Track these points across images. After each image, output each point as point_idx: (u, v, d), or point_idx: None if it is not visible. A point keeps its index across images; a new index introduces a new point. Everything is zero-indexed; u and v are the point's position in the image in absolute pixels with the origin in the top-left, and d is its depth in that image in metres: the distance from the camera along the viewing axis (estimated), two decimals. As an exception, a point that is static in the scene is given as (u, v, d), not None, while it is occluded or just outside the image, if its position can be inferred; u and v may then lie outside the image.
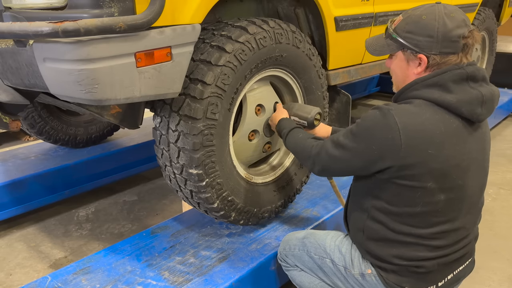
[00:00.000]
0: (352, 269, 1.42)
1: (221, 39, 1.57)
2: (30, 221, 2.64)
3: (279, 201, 1.96)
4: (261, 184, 1.89)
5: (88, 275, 1.64)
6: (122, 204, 2.84)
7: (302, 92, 1.94)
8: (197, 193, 1.67)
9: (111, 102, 1.30)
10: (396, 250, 1.31)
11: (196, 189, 1.65)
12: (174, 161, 1.63)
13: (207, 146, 1.58)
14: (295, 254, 1.58)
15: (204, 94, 1.52)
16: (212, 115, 1.55)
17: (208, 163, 1.60)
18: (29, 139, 3.97)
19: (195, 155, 1.57)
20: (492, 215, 2.62)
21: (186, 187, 1.69)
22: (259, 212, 1.87)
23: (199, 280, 1.60)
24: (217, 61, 1.53)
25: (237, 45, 1.57)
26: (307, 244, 1.55)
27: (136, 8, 1.27)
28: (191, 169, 1.60)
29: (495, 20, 4.03)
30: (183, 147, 1.57)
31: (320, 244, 1.51)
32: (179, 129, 1.55)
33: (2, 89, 1.59)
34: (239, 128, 1.80)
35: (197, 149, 1.56)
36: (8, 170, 2.63)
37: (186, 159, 1.58)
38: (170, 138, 1.60)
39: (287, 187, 2.00)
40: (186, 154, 1.58)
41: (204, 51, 1.56)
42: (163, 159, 1.69)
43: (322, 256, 1.50)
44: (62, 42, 1.19)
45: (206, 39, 1.59)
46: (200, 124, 1.53)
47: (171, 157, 1.64)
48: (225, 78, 1.55)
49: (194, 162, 1.58)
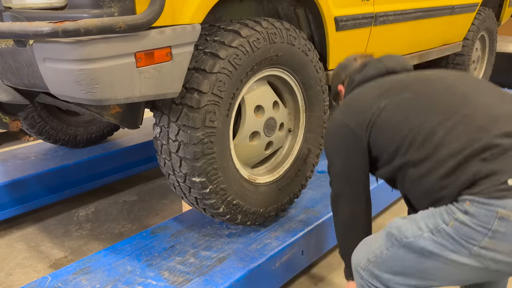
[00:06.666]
0: (454, 216, 1.08)
1: (214, 45, 1.56)
2: (30, 221, 2.64)
3: (284, 198, 1.97)
4: (265, 184, 1.88)
5: (88, 275, 1.64)
6: (122, 204, 2.84)
7: (301, 88, 1.94)
8: (202, 199, 1.67)
9: (111, 102, 1.30)
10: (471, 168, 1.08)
11: (200, 196, 1.66)
12: (177, 170, 1.63)
13: (208, 154, 1.57)
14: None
15: (201, 103, 1.51)
16: (211, 123, 1.55)
17: (210, 171, 1.60)
18: (29, 139, 3.97)
19: (197, 164, 1.57)
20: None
21: (190, 195, 1.69)
22: (265, 212, 1.88)
23: (199, 280, 1.59)
24: (211, 69, 1.52)
25: (230, 51, 1.55)
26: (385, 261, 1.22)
27: (136, 8, 1.27)
28: (194, 177, 1.60)
29: (495, 20, 4.03)
30: (184, 157, 1.57)
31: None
32: (179, 139, 1.55)
33: (2, 89, 1.59)
34: (239, 131, 1.80)
35: (198, 158, 1.56)
36: (8, 170, 2.62)
37: (188, 168, 1.58)
38: (171, 148, 1.60)
39: (292, 184, 2.00)
40: (187, 163, 1.58)
41: (198, 58, 1.55)
42: (166, 168, 1.69)
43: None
44: (62, 42, 1.19)
45: (200, 45, 1.58)
46: (199, 133, 1.53)
47: (173, 166, 1.64)
48: (221, 85, 1.54)
49: (197, 171, 1.58)
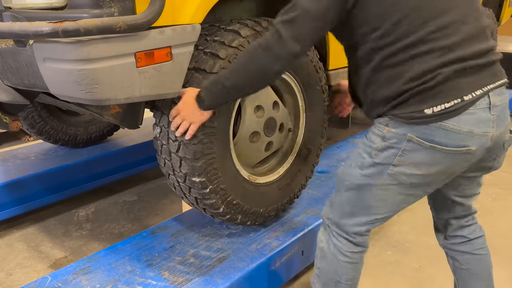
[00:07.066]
0: (374, 146, 1.25)
1: (214, 45, 1.56)
2: (30, 221, 2.64)
3: (284, 198, 1.96)
4: (265, 184, 1.88)
5: (88, 275, 1.64)
6: (122, 204, 2.84)
7: (301, 88, 1.94)
8: (202, 199, 1.67)
9: (111, 102, 1.30)
10: (404, 75, 1.16)
11: (200, 196, 1.66)
12: (177, 170, 1.63)
13: (208, 154, 1.57)
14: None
15: None
16: (211, 123, 1.54)
17: (210, 170, 1.60)
18: (29, 139, 3.97)
19: (197, 164, 1.56)
20: (492, 215, 2.63)
21: (190, 195, 1.69)
22: (265, 212, 1.88)
23: (199, 280, 1.59)
24: (211, 69, 1.52)
25: (230, 50, 1.55)
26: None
27: (136, 8, 1.28)
28: (194, 177, 1.59)
29: (495, 20, 4.03)
30: (184, 157, 1.56)
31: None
32: (179, 139, 1.55)
33: (2, 89, 1.59)
34: (239, 131, 1.80)
35: (198, 158, 1.55)
36: (8, 170, 2.63)
37: (188, 168, 1.58)
38: (171, 148, 1.59)
39: (292, 184, 1.99)
40: (187, 163, 1.57)
41: (198, 58, 1.55)
42: (166, 168, 1.69)
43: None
44: (62, 42, 1.19)
45: (200, 45, 1.58)
46: (199, 133, 1.53)
47: (173, 166, 1.64)
48: None
49: (196, 171, 1.58)
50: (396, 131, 1.20)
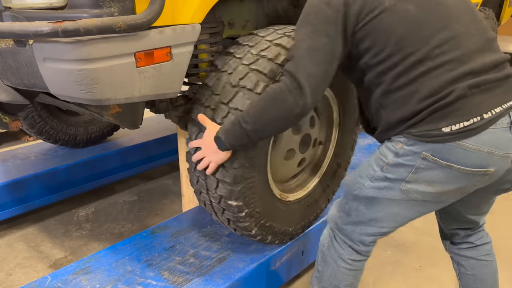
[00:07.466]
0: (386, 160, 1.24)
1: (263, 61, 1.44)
2: (30, 221, 2.64)
3: (311, 215, 1.91)
4: (295, 201, 1.82)
5: (88, 275, 1.64)
6: (122, 204, 2.84)
7: (337, 100, 1.83)
8: (235, 222, 1.61)
9: (111, 102, 1.30)
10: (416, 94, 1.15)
11: (234, 218, 1.59)
12: (212, 191, 1.55)
13: (248, 178, 1.51)
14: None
15: None
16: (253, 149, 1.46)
17: (248, 195, 1.54)
18: (29, 139, 3.97)
19: (236, 188, 1.49)
20: (492, 215, 2.62)
21: (223, 215, 1.63)
22: (293, 230, 1.82)
23: (199, 280, 1.59)
24: (256, 88, 1.43)
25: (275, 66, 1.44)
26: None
27: (136, 8, 1.27)
28: (231, 201, 1.52)
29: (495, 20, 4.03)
30: (223, 180, 1.48)
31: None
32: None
33: (2, 89, 1.59)
34: (275, 148, 1.71)
35: (238, 182, 1.48)
36: (8, 170, 2.62)
37: (226, 191, 1.50)
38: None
39: (320, 200, 1.94)
40: (225, 187, 1.49)
41: (244, 75, 1.45)
42: (198, 186, 1.60)
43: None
44: (62, 42, 1.19)
45: (243, 60, 1.47)
46: (241, 157, 1.45)
47: (208, 186, 1.55)
48: None
49: (234, 195, 1.51)
50: (409, 149, 1.18)
